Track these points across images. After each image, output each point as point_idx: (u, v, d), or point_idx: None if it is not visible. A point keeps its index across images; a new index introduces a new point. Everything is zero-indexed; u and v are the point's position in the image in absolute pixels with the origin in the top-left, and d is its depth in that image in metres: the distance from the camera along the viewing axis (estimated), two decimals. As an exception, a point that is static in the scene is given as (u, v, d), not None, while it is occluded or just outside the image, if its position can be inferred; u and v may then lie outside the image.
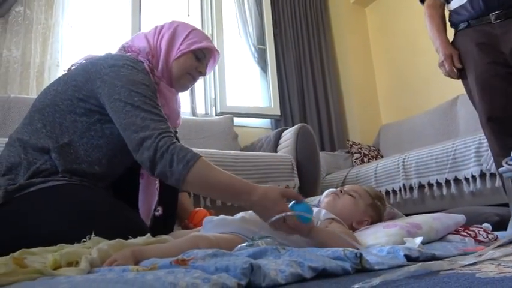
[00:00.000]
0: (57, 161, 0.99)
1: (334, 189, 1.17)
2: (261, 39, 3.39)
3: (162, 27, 1.21)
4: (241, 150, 2.55)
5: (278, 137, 2.40)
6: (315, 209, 1.04)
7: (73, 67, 1.12)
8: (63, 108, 1.03)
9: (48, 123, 1.03)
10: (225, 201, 1.02)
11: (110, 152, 1.06)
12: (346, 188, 1.18)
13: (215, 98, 3.08)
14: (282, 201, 0.89)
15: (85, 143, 1.03)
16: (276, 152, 2.33)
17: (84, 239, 0.80)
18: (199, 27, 3.20)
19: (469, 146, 1.93)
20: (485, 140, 1.88)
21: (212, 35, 3.17)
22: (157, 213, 1.14)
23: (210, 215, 1.28)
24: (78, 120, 1.03)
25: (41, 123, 1.03)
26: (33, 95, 2.34)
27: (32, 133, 1.02)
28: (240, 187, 0.93)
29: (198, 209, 1.38)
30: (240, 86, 3.32)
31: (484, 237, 1.03)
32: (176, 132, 1.36)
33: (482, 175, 1.87)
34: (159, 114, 1.01)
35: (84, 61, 1.11)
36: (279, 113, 3.25)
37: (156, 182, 1.16)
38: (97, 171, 1.04)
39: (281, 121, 3.24)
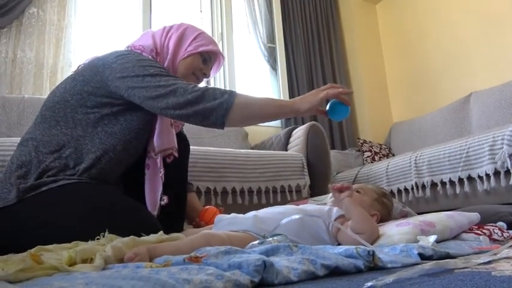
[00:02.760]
0: (74, 155, 1.00)
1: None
2: (270, 37, 3.39)
3: (171, 27, 1.23)
4: (251, 149, 2.55)
5: (288, 135, 2.39)
6: (326, 207, 1.04)
7: (80, 67, 1.15)
8: (73, 103, 1.05)
9: (61, 119, 1.04)
10: (271, 119, 1.13)
11: (124, 137, 1.08)
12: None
13: (225, 97, 3.08)
14: (321, 91, 1.07)
15: (99, 132, 1.05)
16: (287, 150, 2.32)
17: (98, 237, 0.81)
18: (209, 26, 3.23)
19: (483, 144, 1.89)
20: (499, 138, 1.85)
21: (222, 33, 3.18)
22: (162, 203, 1.16)
23: (220, 212, 1.29)
24: (90, 112, 1.05)
25: (54, 121, 1.04)
26: (47, 95, 2.37)
27: (45, 131, 1.03)
28: (280, 100, 1.13)
29: (208, 207, 1.39)
30: (250, 85, 3.32)
31: (499, 235, 1.01)
32: (182, 130, 1.37)
33: (497, 173, 1.84)
34: (179, 78, 1.08)
35: (89, 60, 1.14)
36: (289, 112, 3.24)
37: (161, 170, 1.18)
38: (111, 157, 1.05)
39: (291, 119, 3.23)
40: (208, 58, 1.24)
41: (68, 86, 1.08)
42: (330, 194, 1.20)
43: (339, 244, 0.95)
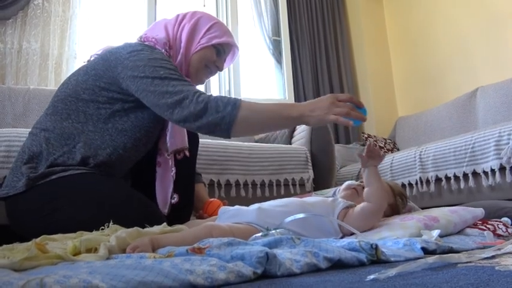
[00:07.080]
0: (82, 149, 1.01)
1: (355, 182, 1.13)
2: (276, 30, 3.37)
3: (184, 17, 1.20)
4: (255, 142, 2.55)
5: (292, 129, 2.39)
6: (330, 199, 1.03)
7: (92, 58, 1.14)
8: (85, 97, 1.05)
9: (72, 112, 1.05)
10: (277, 127, 1.13)
11: (135, 135, 1.08)
12: None
13: (229, 90, 3.08)
14: (333, 96, 0.98)
15: (110, 128, 1.05)
16: (291, 143, 2.32)
17: (103, 227, 0.82)
18: (214, 19, 3.21)
19: (488, 139, 1.88)
20: (505, 133, 1.83)
21: (227, 26, 3.16)
22: (173, 201, 1.16)
23: (224, 205, 1.29)
24: (102, 107, 1.05)
25: (65, 114, 1.05)
26: (52, 86, 2.38)
27: (56, 123, 1.04)
28: (288, 109, 0.99)
29: (212, 199, 1.39)
30: (255, 78, 3.31)
31: (503, 231, 1.00)
32: None
33: (502, 169, 1.82)
34: (187, 81, 1.04)
35: (102, 51, 1.13)
36: (293, 105, 3.23)
37: (173, 169, 1.17)
38: (121, 154, 1.06)
39: (295, 113, 3.22)
40: (222, 50, 1.20)
41: (81, 79, 1.08)
42: (342, 186, 1.17)
43: (343, 236, 0.95)
